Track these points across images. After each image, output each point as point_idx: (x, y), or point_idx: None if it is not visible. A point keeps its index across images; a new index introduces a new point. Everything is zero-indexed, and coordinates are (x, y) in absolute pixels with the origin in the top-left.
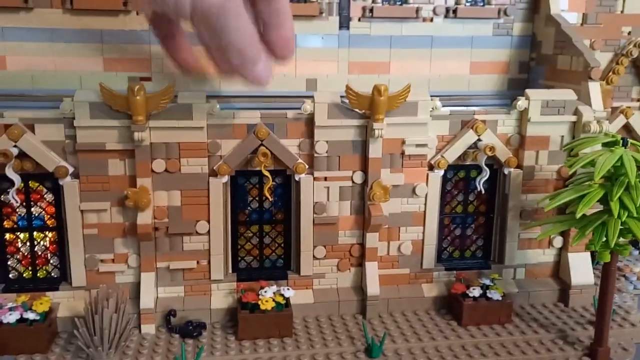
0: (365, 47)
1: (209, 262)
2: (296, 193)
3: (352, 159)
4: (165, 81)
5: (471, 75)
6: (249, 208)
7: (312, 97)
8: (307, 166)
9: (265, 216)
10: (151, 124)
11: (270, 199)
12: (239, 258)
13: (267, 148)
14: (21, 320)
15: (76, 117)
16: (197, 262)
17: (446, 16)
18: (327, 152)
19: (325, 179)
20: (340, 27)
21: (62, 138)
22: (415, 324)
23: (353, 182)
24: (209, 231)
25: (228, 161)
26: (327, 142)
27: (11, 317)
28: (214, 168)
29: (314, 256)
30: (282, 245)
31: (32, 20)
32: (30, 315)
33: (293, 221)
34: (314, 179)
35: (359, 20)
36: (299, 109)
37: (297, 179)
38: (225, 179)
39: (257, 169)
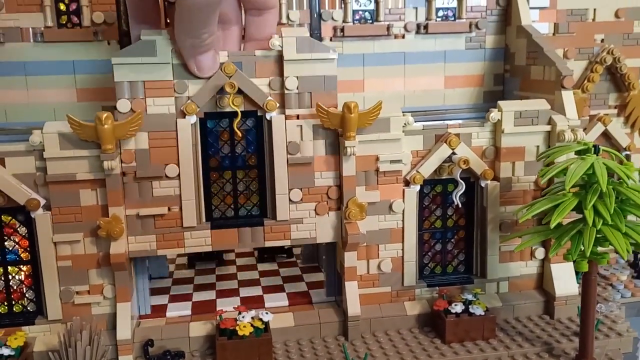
0: (338, 67)
1: (180, 209)
2: (268, 134)
3: (324, 96)
4: None
5: (446, 89)
6: (220, 153)
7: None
8: (277, 104)
9: (238, 162)
10: (113, 60)
11: (240, 135)
12: (213, 207)
13: (235, 84)
14: None
15: (46, 149)
16: (169, 209)
17: (417, 32)
18: (297, 88)
19: (298, 117)
20: None
21: (33, 170)
22: (399, 343)
23: None
24: (179, 175)
25: (196, 100)
26: (297, 77)
27: None
28: (182, 108)
29: (290, 200)
30: (257, 192)
31: (3, 55)
32: (5, 351)
33: (267, 164)
34: (286, 117)
35: (331, 39)
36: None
37: (268, 118)
38: (194, 119)
39: (227, 110)
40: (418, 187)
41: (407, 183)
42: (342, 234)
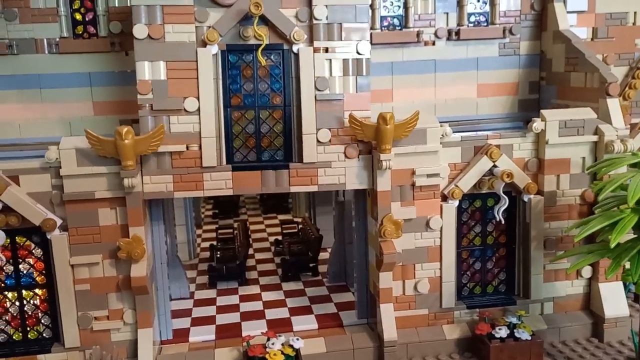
0: None
1: (200, 147)
2: (295, 69)
3: (355, 28)
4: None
5: (479, 98)
6: (243, 91)
7: None
8: (305, 35)
9: (261, 101)
10: None
11: (264, 63)
12: (234, 149)
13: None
14: None
15: (62, 166)
16: (187, 147)
17: (449, 39)
18: (327, 18)
19: (327, 50)
20: None
21: (49, 189)
22: None
23: (358, 53)
24: (198, 110)
25: (218, 28)
26: (326, 6)
27: None
28: (202, 37)
29: (317, 141)
30: (282, 134)
31: (17, 67)
32: None
33: (293, 102)
34: (314, 50)
35: None
36: None
37: (295, 50)
38: (215, 49)
39: (251, 42)
40: (457, 202)
41: (444, 198)
42: (376, 254)
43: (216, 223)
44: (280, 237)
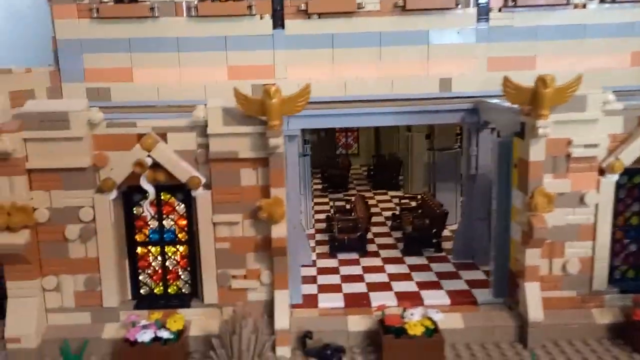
0: (507, 41)
1: None
2: None
3: None
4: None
5: (633, 67)
6: None
7: None
8: None
9: None
10: None
11: None
12: None
13: None
14: (155, 339)
15: (209, 125)
16: None
17: (602, 1)
18: None
19: None
20: (479, 19)
21: (194, 147)
22: (591, 356)
23: None
24: None
25: None
26: None
27: (145, 336)
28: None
29: None
30: None
31: (158, 30)
32: (164, 334)
33: None
34: None
35: (500, 10)
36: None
37: None
38: None
39: None
40: (616, 177)
41: (601, 172)
42: (523, 229)
43: (325, 197)
44: (397, 212)
